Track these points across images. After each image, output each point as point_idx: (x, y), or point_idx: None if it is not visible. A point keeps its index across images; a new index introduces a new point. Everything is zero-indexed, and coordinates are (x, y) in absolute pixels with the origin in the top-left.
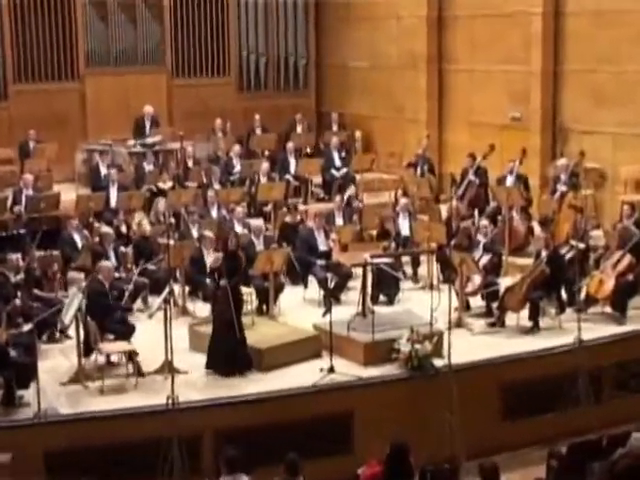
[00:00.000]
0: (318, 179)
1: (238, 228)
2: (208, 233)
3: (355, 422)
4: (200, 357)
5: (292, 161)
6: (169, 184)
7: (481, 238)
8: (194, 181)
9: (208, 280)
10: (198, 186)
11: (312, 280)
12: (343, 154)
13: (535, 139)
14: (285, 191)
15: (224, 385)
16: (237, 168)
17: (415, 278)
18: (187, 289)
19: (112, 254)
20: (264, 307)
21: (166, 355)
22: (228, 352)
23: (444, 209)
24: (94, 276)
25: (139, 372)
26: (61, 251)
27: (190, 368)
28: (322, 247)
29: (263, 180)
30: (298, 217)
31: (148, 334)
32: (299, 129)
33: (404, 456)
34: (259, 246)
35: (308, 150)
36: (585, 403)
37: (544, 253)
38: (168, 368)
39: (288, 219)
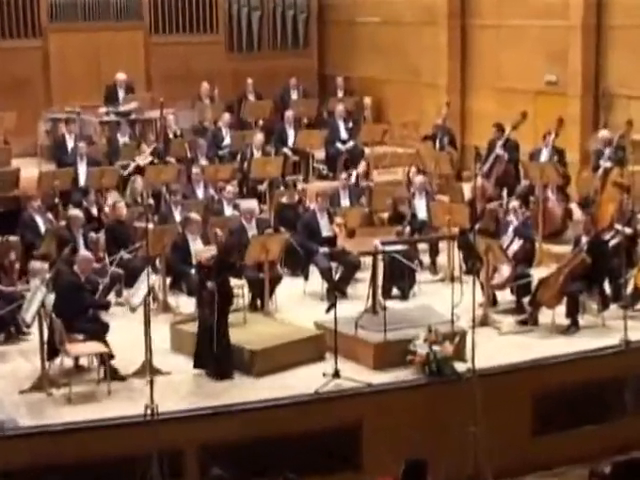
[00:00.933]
0: (321, 153)
1: (228, 210)
2: (193, 216)
3: (364, 435)
4: (184, 360)
5: (290, 132)
6: (147, 159)
7: (511, 222)
8: (176, 155)
9: (193, 272)
10: (179, 160)
11: (314, 271)
12: (350, 124)
13: (574, 106)
14: (282, 167)
15: (211, 393)
16: (226, 140)
17: (433, 268)
18: (168, 281)
19: (81, 241)
20: (258, 302)
21: (145, 357)
22: (213, 357)
23: (467, 188)
24: (63, 267)
25: (113, 377)
26: (21, 237)
27: (172, 372)
28: (325, 232)
29: (257, 154)
30: (297, 197)
31: (123, 333)
32: (294, 95)
33: (421, 474)
34: (252, 231)
35: (309, 120)
36: (632, 414)
37: (584, 239)
38: (147, 372)
39: (286, 200)
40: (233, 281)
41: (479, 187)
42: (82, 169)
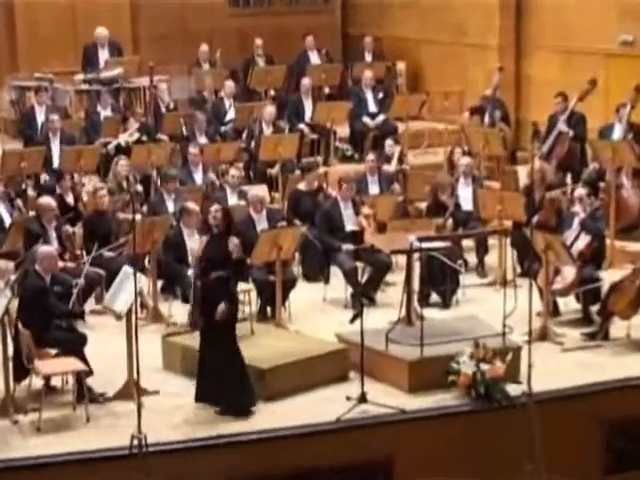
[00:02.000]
0: (345, 130)
1: (232, 198)
2: (190, 206)
3: (396, 471)
4: (178, 379)
5: (308, 104)
6: (134, 136)
7: (576, 213)
8: (170, 132)
9: (190, 273)
10: (173, 138)
11: (336, 272)
12: (380, 95)
13: None
14: (298, 147)
15: (210, 420)
16: (230, 114)
17: (481, 270)
18: (159, 285)
19: (53, 235)
20: (268, 310)
21: (131, 376)
22: (220, 383)
23: (523, 173)
24: (32, 267)
25: (92, 400)
26: None
27: (164, 394)
28: (350, 226)
29: (267, 131)
30: (316, 183)
31: (104, 347)
32: (313, 59)
33: None
34: (261, 224)
35: (330, 89)
36: None
37: None
38: (133, 394)
39: (302, 186)
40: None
41: (537, 171)
42: (55, 148)
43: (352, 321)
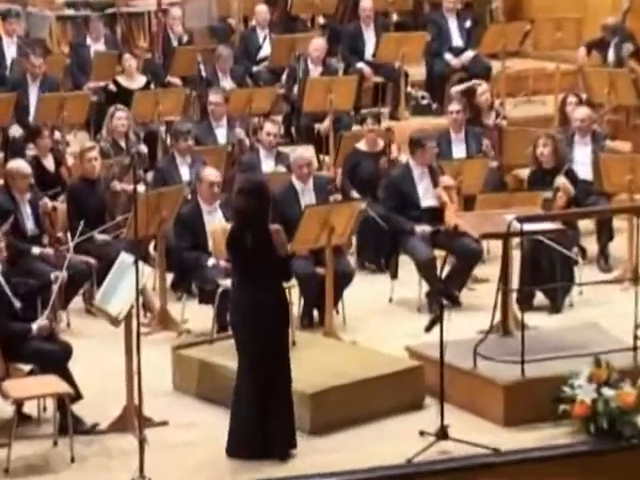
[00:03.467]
0: (419, 71)
1: (267, 163)
2: (210, 173)
3: None
4: (191, 405)
5: (369, 36)
6: (139, 80)
7: None
8: (183, 74)
9: (211, 263)
10: (188, 82)
11: (406, 262)
12: (467, 23)
13: None
14: (356, 94)
15: (234, 463)
16: (265, 49)
17: (604, 262)
18: (169, 279)
19: (28, 210)
20: (314, 314)
21: (130, 400)
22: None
23: None
24: None
25: (78, 432)
26: None
27: (174, 425)
28: (426, 201)
29: (314, 72)
30: (381, 143)
31: (95, 362)
32: None
33: None
34: (307, 198)
35: (399, 16)
36: None
37: None
38: (133, 425)
39: (362, 146)
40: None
41: None
42: (32, 95)
43: (428, 329)
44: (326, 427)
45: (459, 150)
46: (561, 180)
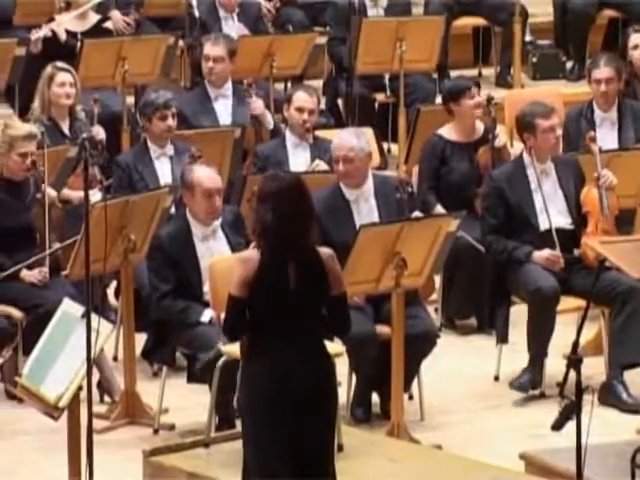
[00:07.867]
0: (544, 9)
1: (300, 157)
2: (204, 175)
3: None
4: None
5: None
6: (90, 20)
7: None
8: (161, 13)
9: (208, 317)
10: (166, 22)
11: (521, 318)
12: None
13: None
14: (441, 45)
15: None
16: None
17: None
18: (142, 343)
19: None
20: (373, 397)
21: None
22: None
23: None
24: None
25: None
26: None
27: None
28: (549, 218)
29: (374, 10)
30: (481, 126)
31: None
32: None
33: None
34: (362, 212)
35: None
36: None
37: None
38: None
39: (451, 132)
40: None
41: None
42: None
43: (557, 426)
44: None
45: (609, 137)
46: None
